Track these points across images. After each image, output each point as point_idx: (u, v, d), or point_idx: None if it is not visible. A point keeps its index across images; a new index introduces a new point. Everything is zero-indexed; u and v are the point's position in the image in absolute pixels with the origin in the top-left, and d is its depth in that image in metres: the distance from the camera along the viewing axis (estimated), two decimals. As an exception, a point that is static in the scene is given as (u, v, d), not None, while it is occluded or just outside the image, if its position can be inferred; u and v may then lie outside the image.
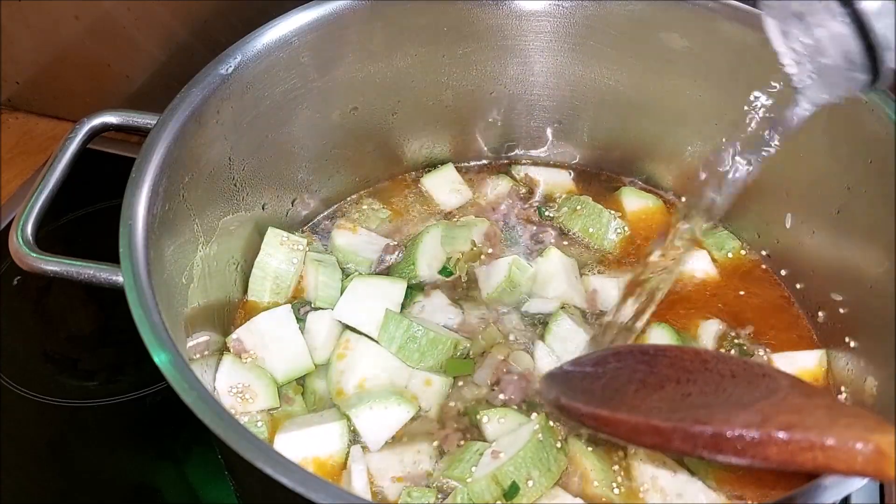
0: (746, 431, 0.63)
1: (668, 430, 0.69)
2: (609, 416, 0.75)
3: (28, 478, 1.06)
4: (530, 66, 1.12)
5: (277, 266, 1.04)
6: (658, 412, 0.72)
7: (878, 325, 0.90)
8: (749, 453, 0.63)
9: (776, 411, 0.65)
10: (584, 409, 0.78)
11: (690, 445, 0.67)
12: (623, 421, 0.74)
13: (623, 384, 0.79)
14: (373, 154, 1.17)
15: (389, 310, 0.97)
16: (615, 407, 0.76)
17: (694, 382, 0.76)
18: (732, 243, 1.11)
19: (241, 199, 1.02)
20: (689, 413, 0.70)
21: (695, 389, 0.75)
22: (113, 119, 0.92)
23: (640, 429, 0.72)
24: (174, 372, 0.70)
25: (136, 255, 0.78)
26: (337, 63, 1.04)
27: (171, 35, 1.34)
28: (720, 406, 0.70)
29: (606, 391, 0.80)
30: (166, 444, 1.09)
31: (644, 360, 0.82)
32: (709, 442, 0.66)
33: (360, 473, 0.86)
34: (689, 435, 0.67)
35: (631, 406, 0.75)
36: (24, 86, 1.53)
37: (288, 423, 0.93)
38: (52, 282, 1.06)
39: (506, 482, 0.84)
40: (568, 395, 0.81)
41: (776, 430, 0.62)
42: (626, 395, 0.78)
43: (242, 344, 0.98)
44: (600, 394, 0.80)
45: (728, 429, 0.65)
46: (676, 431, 0.68)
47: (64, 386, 1.14)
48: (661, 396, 0.76)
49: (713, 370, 0.77)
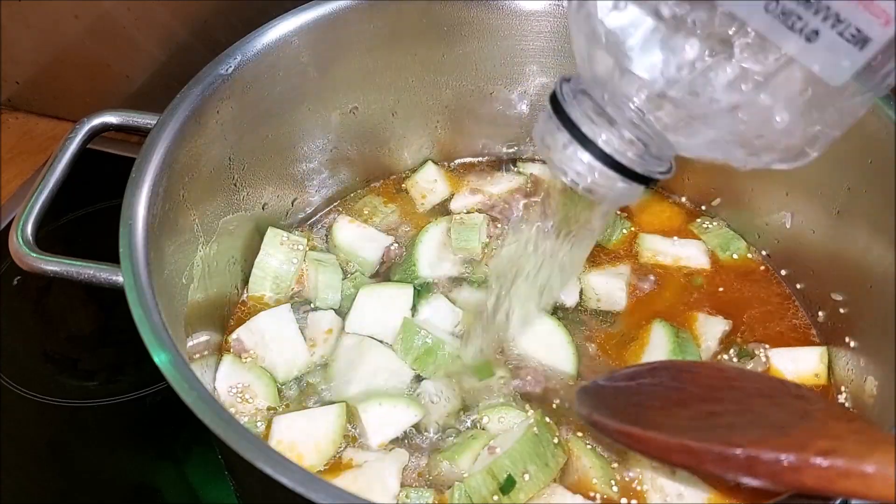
0: (783, 455, 0.62)
1: (701, 450, 0.67)
2: (640, 434, 0.74)
3: (28, 478, 1.06)
4: (530, 66, 1.12)
5: (277, 266, 1.04)
6: (684, 430, 0.71)
7: (878, 324, 0.90)
8: (784, 479, 0.62)
9: (813, 436, 0.63)
10: (614, 425, 0.77)
11: (723, 467, 0.66)
12: (653, 439, 0.72)
13: (649, 400, 0.79)
14: (373, 153, 1.17)
15: (408, 319, 0.97)
16: (643, 424, 0.74)
17: (719, 401, 0.74)
18: (738, 244, 1.11)
19: (241, 199, 1.02)
20: (717, 433, 0.68)
21: (720, 408, 0.73)
22: (113, 119, 0.92)
23: (671, 448, 0.70)
24: (174, 372, 0.70)
25: (136, 255, 0.78)
26: (337, 63, 1.04)
27: (171, 35, 1.34)
28: (749, 426, 0.69)
29: (636, 407, 0.79)
30: (166, 444, 1.09)
31: (674, 377, 0.81)
32: (743, 465, 0.64)
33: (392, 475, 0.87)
34: (723, 457, 0.65)
35: (656, 423, 0.74)
36: (24, 86, 1.53)
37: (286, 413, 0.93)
38: (52, 282, 1.06)
39: (501, 476, 0.84)
40: (600, 410, 0.80)
41: (814, 456, 0.60)
42: (651, 411, 0.77)
43: (242, 344, 0.98)
44: (630, 410, 0.79)
45: (764, 452, 0.63)
46: (710, 453, 0.67)
47: (64, 386, 1.14)
48: (686, 414, 0.74)
49: (738, 388, 0.76)
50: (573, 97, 0.65)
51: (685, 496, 0.85)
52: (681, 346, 0.96)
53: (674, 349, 0.96)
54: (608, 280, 1.05)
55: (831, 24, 0.49)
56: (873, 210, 0.90)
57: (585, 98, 0.64)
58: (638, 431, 0.74)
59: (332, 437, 0.90)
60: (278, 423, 0.91)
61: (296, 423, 0.91)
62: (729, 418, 0.72)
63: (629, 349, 0.99)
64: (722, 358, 0.99)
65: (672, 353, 0.96)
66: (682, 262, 1.08)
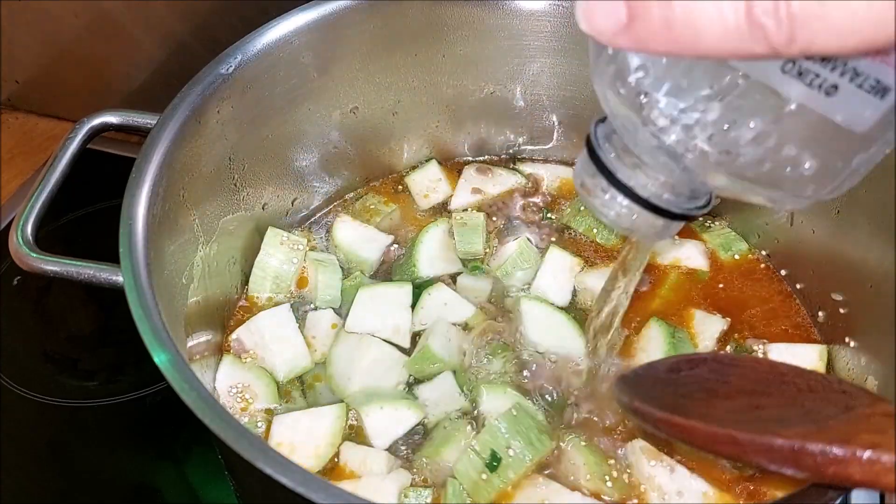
0: (830, 448, 0.61)
1: (747, 441, 0.67)
2: (684, 423, 0.73)
3: (28, 478, 1.06)
4: (530, 66, 1.12)
5: (277, 266, 1.04)
6: (729, 422, 0.71)
7: (878, 324, 0.90)
8: (830, 471, 0.61)
9: (859, 429, 0.63)
10: (658, 414, 0.76)
11: (768, 458, 0.65)
12: (698, 429, 0.72)
13: (693, 391, 0.78)
14: (373, 153, 1.17)
15: (427, 347, 0.96)
16: (686, 414, 0.74)
17: (768, 395, 0.74)
18: (739, 245, 1.11)
19: (241, 199, 1.02)
20: (763, 425, 0.68)
21: (768, 402, 0.73)
22: (113, 119, 0.92)
23: (716, 438, 0.70)
24: (174, 372, 0.70)
25: (136, 255, 0.78)
26: (337, 63, 1.04)
27: (171, 34, 1.34)
28: (797, 420, 0.68)
29: (677, 398, 0.78)
30: (166, 444, 1.09)
31: (716, 370, 0.81)
32: (788, 457, 0.64)
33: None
34: (769, 448, 0.65)
35: (700, 414, 0.73)
36: (24, 86, 1.53)
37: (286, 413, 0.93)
38: (52, 282, 1.06)
39: (485, 452, 0.85)
40: (641, 399, 0.79)
41: (862, 450, 0.60)
42: (694, 402, 0.76)
43: (242, 344, 0.98)
44: (671, 400, 0.78)
45: (810, 444, 0.62)
46: (755, 443, 0.66)
47: (64, 386, 1.14)
48: (732, 407, 0.74)
49: (790, 383, 0.75)
50: (607, 140, 0.67)
51: (685, 495, 0.85)
52: (676, 346, 0.97)
53: (669, 349, 0.96)
54: (602, 280, 1.05)
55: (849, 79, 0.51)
56: (873, 210, 0.90)
57: (618, 139, 0.66)
58: (682, 420, 0.73)
59: (332, 437, 0.90)
60: (278, 423, 0.91)
61: (296, 423, 0.91)
62: (775, 412, 0.72)
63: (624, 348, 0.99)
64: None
65: (667, 352, 0.96)
66: (681, 262, 1.08)
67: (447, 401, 0.93)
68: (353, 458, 0.89)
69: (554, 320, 1.00)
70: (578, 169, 0.70)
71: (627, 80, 0.58)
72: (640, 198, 0.66)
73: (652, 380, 0.84)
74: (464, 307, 1.02)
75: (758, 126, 0.55)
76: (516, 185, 1.19)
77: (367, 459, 0.88)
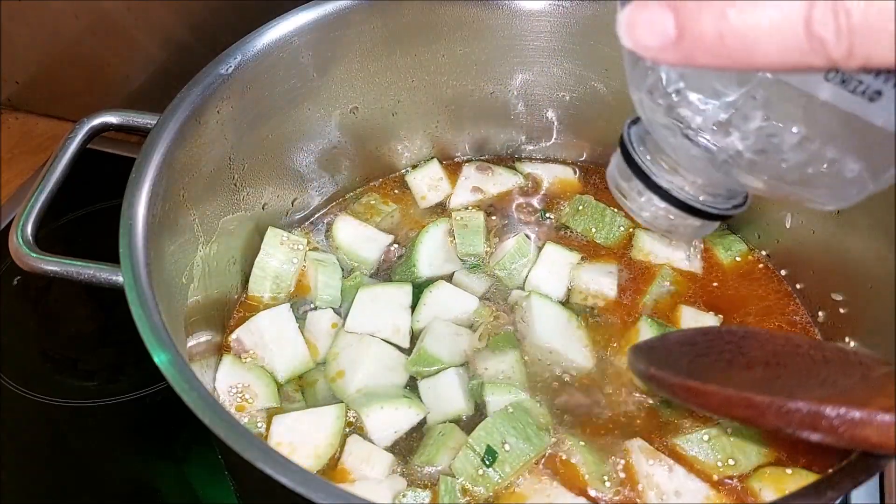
0: (847, 411, 0.62)
1: (763, 403, 0.68)
2: (700, 387, 0.74)
3: (28, 478, 1.06)
4: (530, 66, 1.12)
5: (277, 266, 1.04)
6: (747, 388, 0.72)
7: (878, 324, 0.90)
8: (847, 434, 0.63)
9: (876, 393, 0.65)
10: (674, 379, 0.77)
11: (785, 421, 0.66)
12: (714, 393, 0.73)
13: (711, 362, 0.79)
14: (373, 153, 1.17)
15: (424, 348, 0.96)
16: (703, 380, 0.75)
17: (784, 367, 0.75)
18: (739, 246, 1.11)
19: (241, 199, 1.02)
20: (780, 391, 0.69)
21: (785, 373, 0.74)
22: (113, 119, 0.92)
23: (732, 401, 0.71)
24: (174, 372, 0.70)
25: (136, 255, 0.78)
26: (337, 63, 1.04)
27: (171, 35, 1.34)
28: (814, 387, 0.70)
29: (693, 367, 0.79)
30: (166, 444, 1.09)
31: (732, 341, 0.82)
32: (805, 419, 0.65)
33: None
34: (785, 410, 0.66)
35: (717, 381, 0.75)
36: (24, 86, 1.53)
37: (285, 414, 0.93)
38: (52, 282, 1.06)
39: (480, 447, 0.85)
40: (657, 366, 0.81)
41: (878, 412, 0.62)
42: (713, 371, 0.77)
43: (242, 344, 0.98)
44: (687, 368, 0.79)
45: (828, 406, 0.63)
46: (772, 406, 0.67)
47: (64, 386, 1.14)
48: (749, 376, 0.75)
49: (805, 355, 0.76)
50: (641, 142, 0.66)
51: (684, 495, 0.85)
52: None
53: None
54: (596, 276, 1.06)
55: (893, 84, 0.50)
56: (873, 210, 0.90)
57: (652, 140, 0.65)
58: (698, 385, 0.74)
59: (331, 437, 0.90)
60: (278, 423, 0.91)
61: (296, 422, 0.91)
62: (793, 380, 0.73)
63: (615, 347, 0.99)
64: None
65: None
66: (675, 263, 1.08)
67: (449, 399, 0.93)
68: (358, 453, 0.89)
69: (560, 318, 1.00)
70: (612, 171, 0.69)
71: (666, 89, 0.57)
72: (678, 200, 0.65)
73: (666, 350, 0.85)
74: (468, 301, 1.03)
75: (797, 131, 0.55)
76: (516, 185, 1.19)
77: (372, 456, 0.88)
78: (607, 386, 0.95)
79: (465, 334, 1.00)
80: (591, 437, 0.90)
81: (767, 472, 0.87)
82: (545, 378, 0.96)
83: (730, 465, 0.88)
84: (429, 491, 0.86)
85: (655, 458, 0.87)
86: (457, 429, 0.90)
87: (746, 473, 0.87)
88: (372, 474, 0.87)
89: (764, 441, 0.89)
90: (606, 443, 0.90)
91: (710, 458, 0.88)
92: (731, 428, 0.89)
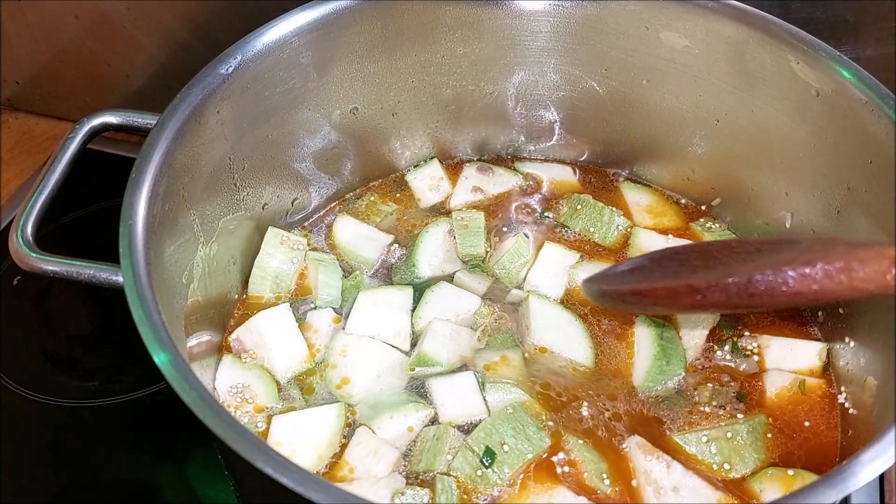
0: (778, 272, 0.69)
1: (704, 286, 0.75)
2: (647, 287, 0.82)
3: (28, 478, 1.06)
4: (530, 66, 1.12)
5: (277, 266, 1.04)
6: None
7: (878, 324, 0.90)
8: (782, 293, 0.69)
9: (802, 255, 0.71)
10: (624, 287, 0.85)
11: (725, 296, 0.73)
12: (661, 288, 0.80)
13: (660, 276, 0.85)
14: (373, 153, 1.17)
15: (423, 351, 0.97)
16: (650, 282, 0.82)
17: (726, 265, 0.80)
18: None
19: (241, 199, 1.02)
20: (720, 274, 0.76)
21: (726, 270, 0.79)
22: (113, 119, 0.93)
23: (678, 291, 0.78)
24: (174, 372, 0.70)
25: (136, 255, 0.78)
26: (337, 63, 1.04)
27: (171, 35, 1.34)
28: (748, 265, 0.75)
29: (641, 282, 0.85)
30: (166, 444, 1.09)
31: (675, 258, 0.88)
32: (743, 289, 0.72)
33: None
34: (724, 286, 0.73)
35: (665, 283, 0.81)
36: (24, 86, 1.53)
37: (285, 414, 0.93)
38: (52, 282, 1.06)
39: (479, 448, 0.86)
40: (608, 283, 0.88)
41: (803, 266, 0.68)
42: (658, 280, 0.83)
43: (242, 344, 0.98)
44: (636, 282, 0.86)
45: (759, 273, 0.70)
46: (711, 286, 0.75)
47: (64, 386, 1.14)
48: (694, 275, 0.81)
49: (740, 251, 0.82)
50: None
51: (682, 491, 0.85)
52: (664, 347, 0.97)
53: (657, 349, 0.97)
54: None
55: None
56: (873, 210, 0.90)
57: None
58: (646, 286, 0.82)
59: (332, 436, 0.90)
60: (278, 422, 0.91)
61: (296, 422, 0.91)
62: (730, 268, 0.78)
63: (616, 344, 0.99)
64: (715, 351, 0.99)
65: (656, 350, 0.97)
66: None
67: (468, 403, 0.93)
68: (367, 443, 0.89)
69: (559, 317, 1.00)
70: None
71: None
72: None
73: (616, 275, 0.92)
74: (470, 301, 1.03)
75: None
76: (516, 185, 1.19)
77: (380, 449, 0.88)
78: (606, 384, 0.95)
79: (464, 334, 1.00)
80: (589, 435, 0.91)
81: (768, 473, 0.87)
82: (544, 377, 0.96)
83: (725, 469, 0.88)
84: (427, 489, 0.86)
85: (653, 455, 0.87)
86: (450, 429, 0.90)
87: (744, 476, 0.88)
88: (376, 468, 0.87)
89: (762, 448, 0.89)
90: (605, 440, 0.90)
91: (709, 459, 0.88)
92: (730, 432, 0.89)
